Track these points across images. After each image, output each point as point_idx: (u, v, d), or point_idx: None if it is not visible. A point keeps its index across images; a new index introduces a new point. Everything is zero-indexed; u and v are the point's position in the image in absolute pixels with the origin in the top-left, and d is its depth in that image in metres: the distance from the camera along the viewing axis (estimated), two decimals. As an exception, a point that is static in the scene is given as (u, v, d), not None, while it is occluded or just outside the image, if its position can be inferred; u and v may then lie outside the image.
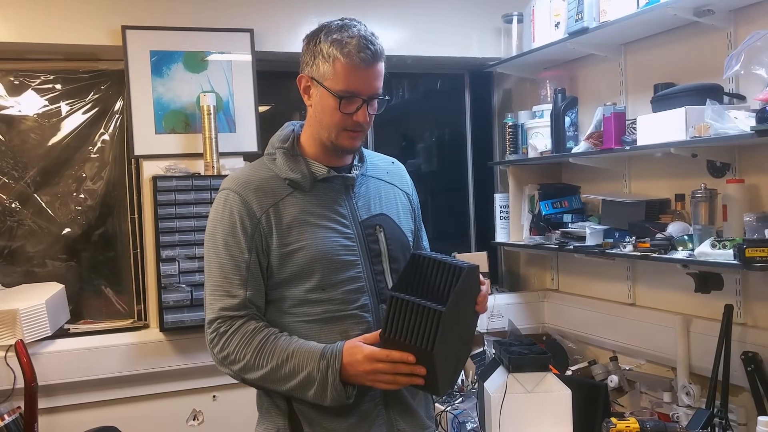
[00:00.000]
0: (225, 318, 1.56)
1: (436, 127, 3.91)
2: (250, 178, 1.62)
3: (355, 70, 1.54)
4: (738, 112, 2.16)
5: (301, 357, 1.51)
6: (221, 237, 1.59)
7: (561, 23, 2.97)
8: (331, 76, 1.55)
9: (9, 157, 3.01)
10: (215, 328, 1.56)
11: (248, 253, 1.57)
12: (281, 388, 1.54)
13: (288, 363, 1.52)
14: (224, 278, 1.57)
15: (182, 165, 2.97)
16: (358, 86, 1.56)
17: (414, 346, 1.43)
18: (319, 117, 1.61)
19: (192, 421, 2.99)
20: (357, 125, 1.59)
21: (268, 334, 1.55)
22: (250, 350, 1.53)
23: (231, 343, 1.54)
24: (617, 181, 2.94)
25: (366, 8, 3.22)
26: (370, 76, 1.57)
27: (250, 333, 1.55)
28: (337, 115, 1.57)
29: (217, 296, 1.58)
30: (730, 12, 2.39)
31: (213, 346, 1.57)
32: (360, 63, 1.54)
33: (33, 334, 2.66)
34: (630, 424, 1.98)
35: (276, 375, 1.52)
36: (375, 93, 1.59)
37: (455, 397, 2.85)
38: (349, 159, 1.71)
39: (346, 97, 1.55)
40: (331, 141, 1.61)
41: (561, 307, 3.34)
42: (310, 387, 1.50)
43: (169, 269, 2.85)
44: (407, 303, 1.43)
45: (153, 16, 2.94)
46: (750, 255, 2.03)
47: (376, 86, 1.59)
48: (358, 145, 1.66)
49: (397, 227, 1.71)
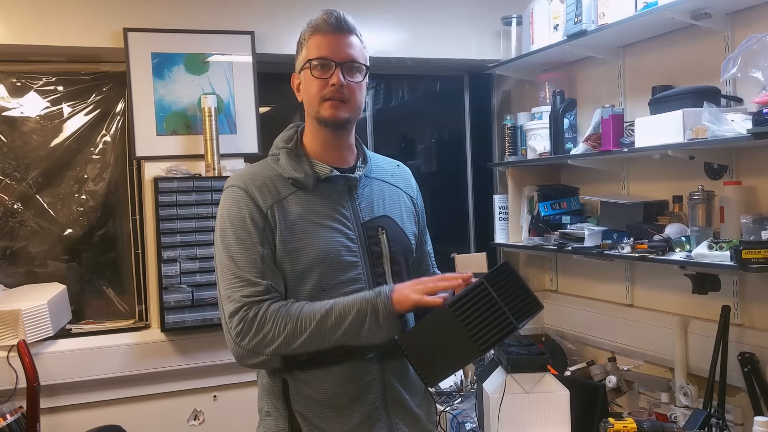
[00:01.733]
0: (251, 303, 1.51)
1: (436, 129, 3.92)
2: (255, 175, 1.63)
3: (322, 36, 1.60)
4: (735, 114, 2.17)
5: (346, 302, 1.52)
6: (232, 232, 1.57)
7: (560, 26, 2.98)
8: (306, 55, 1.62)
9: (11, 158, 3.02)
10: (242, 316, 1.51)
11: (261, 246, 1.55)
12: (332, 338, 1.50)
13: (334, 311, 1.50)
14: (241, 270, 1.54)
15: (183, 166, 2.98)
16: (327, 52, 1.60)
17: (462, 327, 1.46)
18: (304, 99, 1.65)
19: (193, 421, 3.00)
20: (335, 91, 1.59)
21: (302, 303, 1.54)
22: (290, 320, 1.50)
23: (266, 324, 1.50)
24: (616, 183, 2.96)
25: (366, 10, 3.24)
26: (339, 42, 1.60)
27: (285, 307, 1.52)
28: (314, 84, 1.60)
29: (236, 287, 1.53)
30: (728, 15, 2.41)
31: (242, 338, 1.50)
32: (326, 29, 1.60)
33: (35, 334, 2.67)
34: (627, 425, 1.99)
35: (324, 328, 1.49)
36: (348, 59, 1.61)
37: (454, 397, 2.86)
38: (352, 159, 1.71)
39: (319, 61, 1.59)
40: (317, 117, 1.62)
41: (559, 308, 3.35)
42: (363, 322, 1.49)
43: (170, 270, 2.86)
44: (489, 296, 1.47)
45: (154, 18, 2.96)
46: (747, 256, 2.04)
47: (349, 53, 1.61)
48: (342, 117, 1.62)
49: (400, 230, 1.71)
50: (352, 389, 1.60)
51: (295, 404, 1.60)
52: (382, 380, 1.63)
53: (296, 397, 1.60)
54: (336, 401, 1.59)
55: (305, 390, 1.60)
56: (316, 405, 1.59)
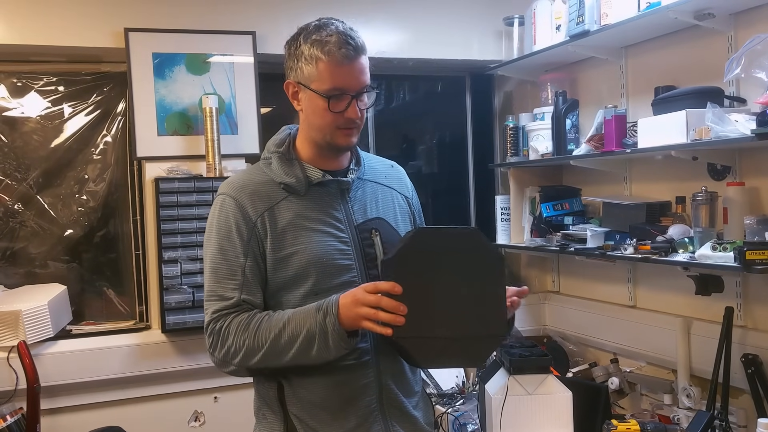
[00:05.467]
0: (219, 317, 1.56)
1: (437, 129, 3.92)
2: (246, 182, 1.62)
3: (339, 67, 1.53)
4: (738, 115, 2.17)
5: (297, 319, 1.50)
6: (216, 241, 1.59)
7: (562, 26, 2.97)
8: (316, 78, 1.54)
9: (12, 158, 3.01)
10: (211, 329, 1.56)
11: (244, 258, 1.56)
12: (286, 358, 1.50)
13: (287, 329, 1.50)
14: (218, 283, 1.58)
15: (184, 167, 2.97)
16: (344, 83, 1.54)
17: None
18: (310, 120, 1.60)
19: (193, 422, 2.99)
20: (350, 122, 1.58)
21: (263, 315, 1.54)
22: (248, 334, 1.52)
23: (229, 336, 1.53)
24: (618, 184, 2.95)
25: (367, 11, 3.23)
26: (354, 70, 1.55)
27: (246, 320, 1.54)
28: (328, 115, 1.56)
29: (211, 302, 1.58)
30: (731, 15, 2.40)
31: (213, 349, 1.56)
32: (343, 59, 1.52)
33: (35, 335, 2.66)
34: (630, 426, 1.99)
35: (278, 346, 1.50)
36: (362, 87, 1.57)
37: (456, 398, 2.86)
38: (345, 162, 1.69)
39: (335, 96, 1.54)
40: (327, 141, 1.60)
41: (562, 309, 3.35)
42: (313, 343, 1.48)
43: (171, 270, 2.86)
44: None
45: (155, 18, 2.95)
46: (750, 258, 2.03)
47: (363, 80, 1.57)
48: (355, 142, 1.63)
49: (394, 231, 1.69)
50: (348, 392, 1.59)
51: (291, 407, 1.59)
52: (378, 382, 1.62)
53: (292, 399, 1.60)
54: (332, 404, 1.58)
55: (301, 392, 1.59)
56: (312, 407, 1.59)
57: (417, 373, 1.75)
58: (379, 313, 1.42)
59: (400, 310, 1.41)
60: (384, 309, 1.42)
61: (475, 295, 1.49)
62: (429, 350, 1.47)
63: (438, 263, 1.48)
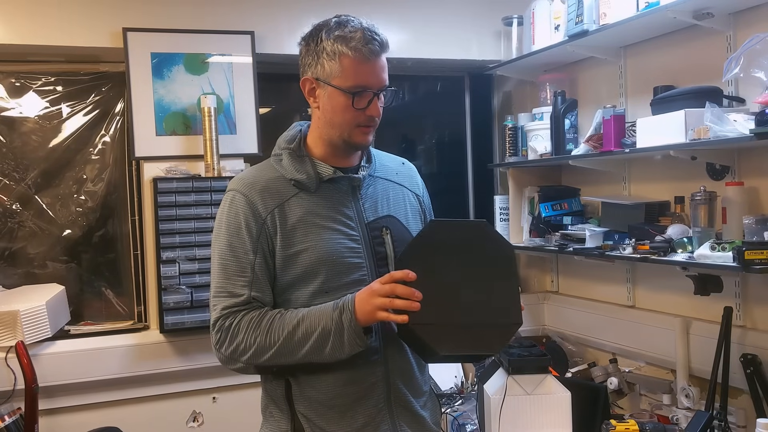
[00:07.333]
0: (228, 314, 1.54)
1: (436, 129, 3.91)
2: (257, 178, 1.61)
3: (365, 63, 1.53)
4: (737, 114, 2.16)
5: (312, 317, 1.50)
6: (226, 238, 1.57)
7: (561, 26, 2.97)
8: (339, 74, 1.53)
9: (10, 158, 3.01)
10: (219, 326, 1.54)
11: (253, 254, 1.55)
12: (298, 355, 1.50)
13: (301, 327, 1.49)
14: (227, 280, 1.56)
15: (183, 167, 2.97)
16: (368, 80, 1.54)
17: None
18: (328, 117, 1.58)
19: (192, 423, 2.99)
20: (370, 119, 1.58)
21: (275, 313, 1.53)
22: (260, 332, 1.50)
23: (239, 333, 1.52)
24: (617, 184, 2.95)
25: (366, 11, 3.17)
26: (378, 67, 1.55)
27: (257, 317, 1.52)
28: (349, 112, 1.55)
29: (220, 298, 1.56)
30: (730, 15, 2.40)
31: (219, 346, 1.54)
32: (369, 55, 1.52)
33: (33, 335, 2.66)
34: (629, 427, 1.99)
35: (291, 344, 1.49)
36: (384, 84, 1.57)
37: (455, 399, 2.85)
38: (356, 159, 1.69)
39: (359, 92, 1.53)
40: (344, 139, 1.59)
41: (561, 309, 3.34)
42: (327, 340, 1.47)
43: (170, 271, 2.85)
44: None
45: (154, 18, 2.95)
46: (749, 257, 2.03)
47: (384, 77, 1.57)
48: (371, 141, 1.63)
49: (405, 229, 1.68)
50: (356, 390, 1.58)
51: (298, 405, 1.59)
52: (386, 381, 1.61)
53: (299, 398, 1.59)
54: (339, 402, 1.58)
55: (308, 391, 1.59)
56: (319, 406, 1.58)
57: (426, 372, 1.75)
58: (395, 301, 1.43)
59: (416, 296, 1.42)
60: (399, 297, 1.43)
61: (489, 284, 1.51)
62: (445, 338, 1.47)
63: (452, 253, 1.50)
